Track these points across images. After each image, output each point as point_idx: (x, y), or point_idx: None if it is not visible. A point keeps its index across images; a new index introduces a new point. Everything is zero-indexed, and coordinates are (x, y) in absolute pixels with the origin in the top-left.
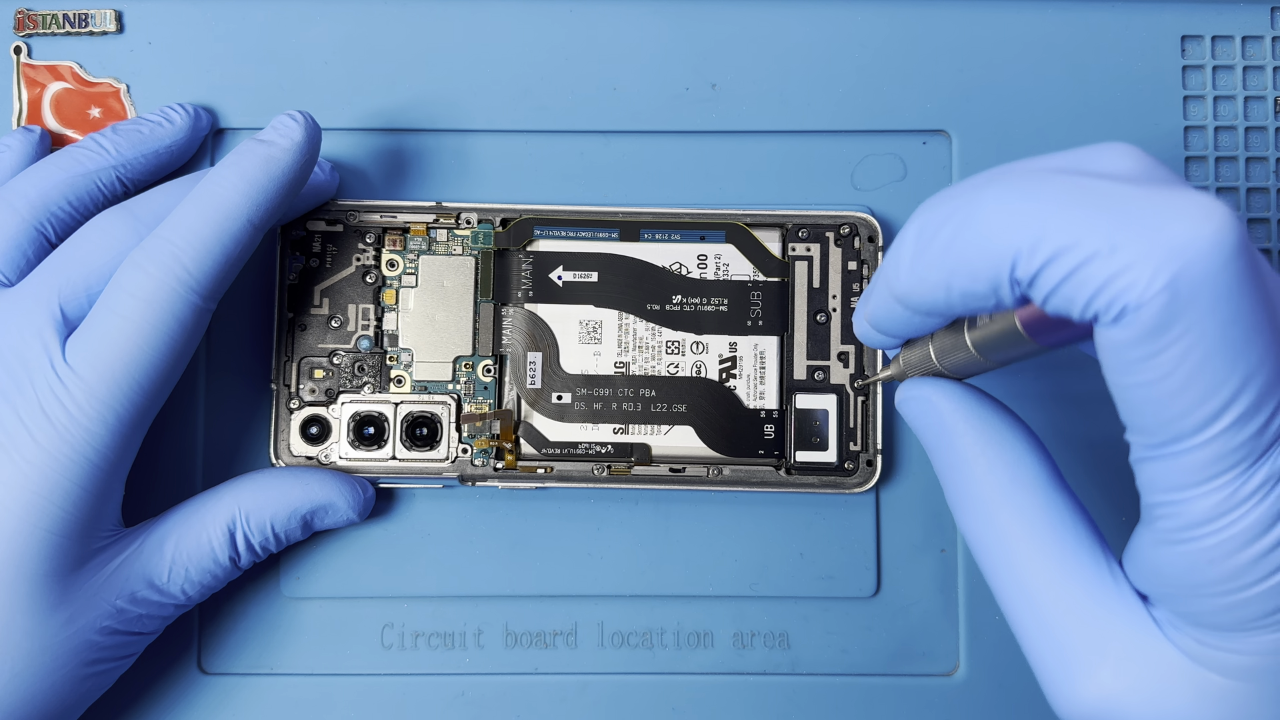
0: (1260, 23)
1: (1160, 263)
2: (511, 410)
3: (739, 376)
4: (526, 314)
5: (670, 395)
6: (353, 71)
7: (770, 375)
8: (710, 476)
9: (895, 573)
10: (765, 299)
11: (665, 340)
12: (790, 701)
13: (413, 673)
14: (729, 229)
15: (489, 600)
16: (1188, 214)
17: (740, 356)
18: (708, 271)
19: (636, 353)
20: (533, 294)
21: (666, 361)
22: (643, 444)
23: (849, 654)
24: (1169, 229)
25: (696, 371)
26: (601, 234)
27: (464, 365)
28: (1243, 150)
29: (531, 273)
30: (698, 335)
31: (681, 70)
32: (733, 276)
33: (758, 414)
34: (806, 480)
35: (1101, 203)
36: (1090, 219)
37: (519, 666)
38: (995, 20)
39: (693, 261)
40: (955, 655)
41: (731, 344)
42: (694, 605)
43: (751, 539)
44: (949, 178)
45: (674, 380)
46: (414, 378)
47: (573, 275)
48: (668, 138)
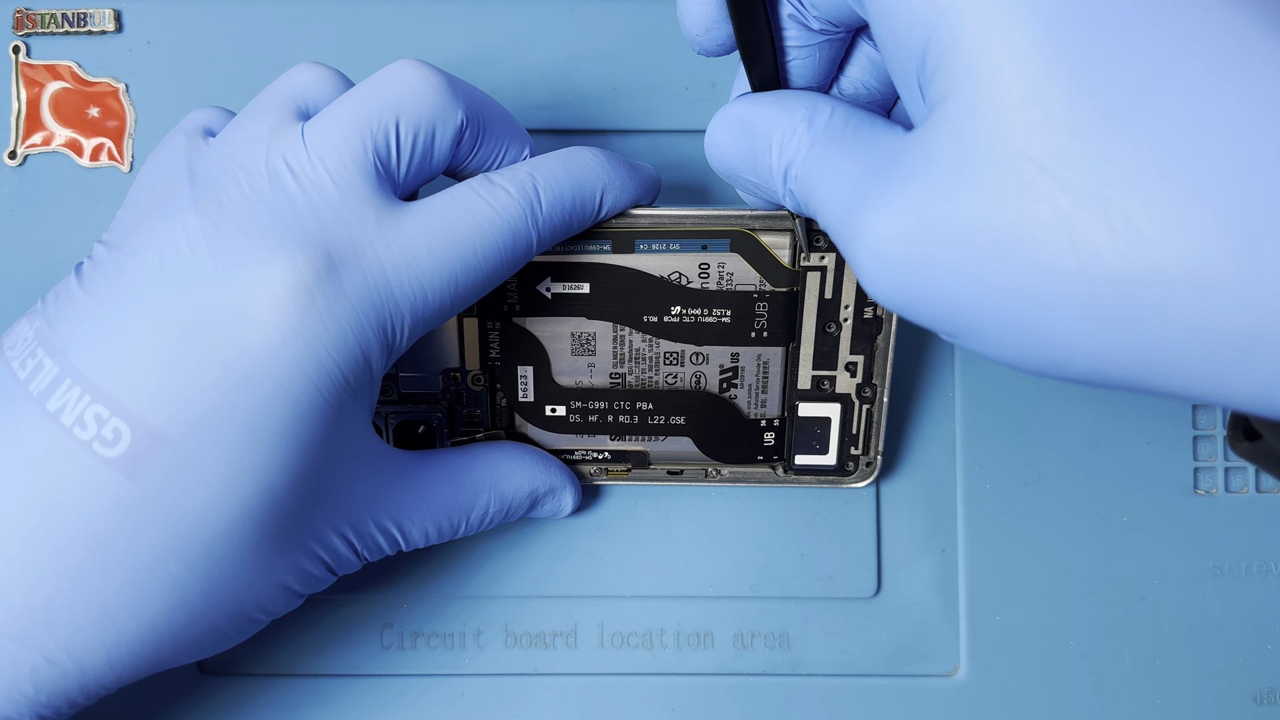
0: None
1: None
2: (500, 432)
3: (740, 386)
4: (514, 328)
5: (668, 407)
6: (350, 71)
7: (773, 386)
8: (709, 477)
9: (896, 573)
10: (772, 310)
11: (663, 352)
12: (790, 702)
13: (412, 673)
14: (734, 237)
15: (488, 600)
16: None
17: (742, 367)
18: (710, 281)
19: (633, 364)
20: (519, 307)
21: (665, 373)
22: (640, 451)
23: (849, 654)
24: None
25: (696, 383)
26: (592, 246)
27: (453, 375)
28: None
29: (517, 285)
30: (698, 346)
31: (681, 69)
32: (737, 287)
33: (758, 423)
34: (804, 480)
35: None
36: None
37: (518, 667)
38: None
39: (694, 270)
40: (956, 656)
41: (733, 354)
42: (694, 605)
43: (751, 539)
44: None
45: (672, 392)
46: (401, 390)
47: (562, 286)
48: (668, 137)
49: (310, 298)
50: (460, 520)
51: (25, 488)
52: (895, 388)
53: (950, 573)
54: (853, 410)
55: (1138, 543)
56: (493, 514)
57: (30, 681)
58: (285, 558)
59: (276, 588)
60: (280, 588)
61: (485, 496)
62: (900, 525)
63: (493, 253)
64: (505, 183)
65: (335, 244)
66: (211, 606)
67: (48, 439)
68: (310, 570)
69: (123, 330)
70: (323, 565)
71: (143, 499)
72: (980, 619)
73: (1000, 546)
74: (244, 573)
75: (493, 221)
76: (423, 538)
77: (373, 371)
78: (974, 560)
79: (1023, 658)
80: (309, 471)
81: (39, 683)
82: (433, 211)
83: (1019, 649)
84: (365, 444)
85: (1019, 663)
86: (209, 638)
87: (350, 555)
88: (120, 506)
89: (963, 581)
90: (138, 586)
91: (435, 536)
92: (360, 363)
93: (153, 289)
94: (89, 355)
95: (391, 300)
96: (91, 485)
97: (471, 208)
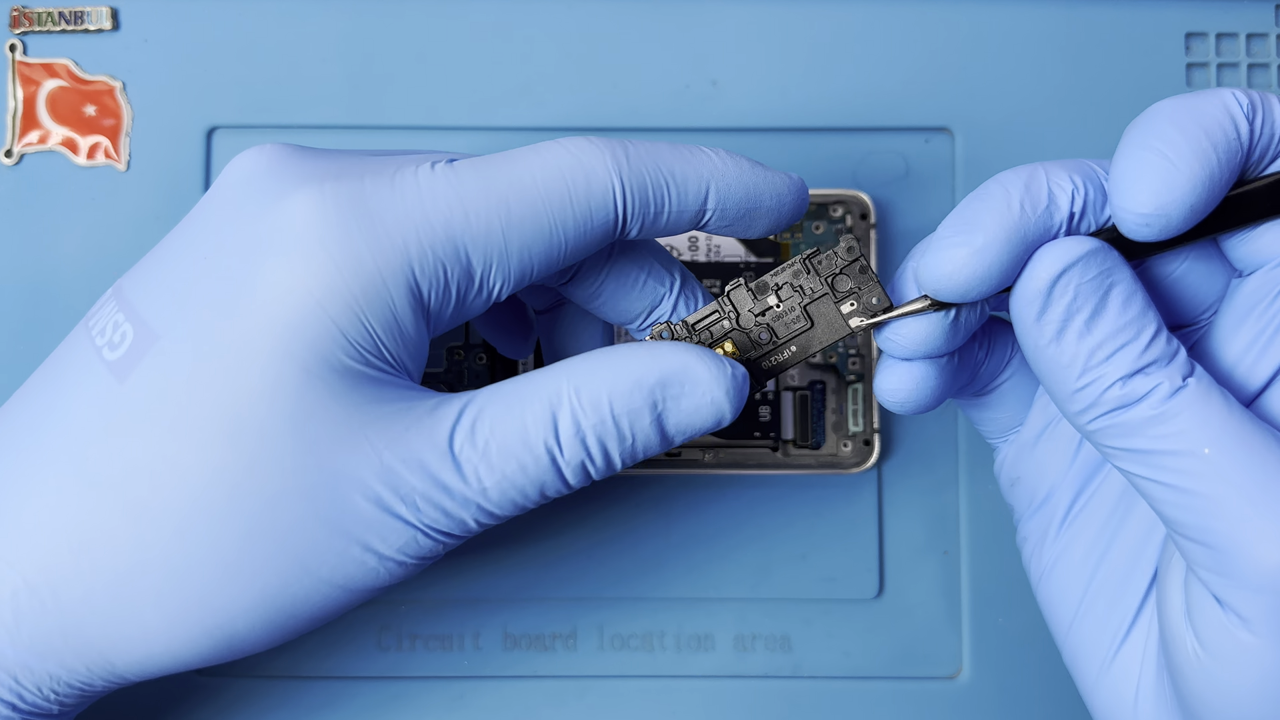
0: (1265, 20)
1: None
2: None
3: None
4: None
5: None
6: (350, 69)
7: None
8: (707, 460)
9: (898, 575)
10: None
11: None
12: (792, 705)
13: (410, 675)
14: None
15: (487, 602)
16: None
17: None
18: (699, 254)
19: (628, 338)
20: None
21: None
22: None
23: (851, 657)
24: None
25: None
26: None
27: (456, 353)
28: None
29: None
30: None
31: (681, 67)
32: (724, 258)
33: (751, 396)
34: (803, 460)
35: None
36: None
37: (517, 669)
38: (998, 17)
39: (683, 243)
40: (958, 658)
41: None
42: (694, 607)
43: (753, 541)
44: (951, 175)
45: None
46: None
47: None
48: (667, 136)
49: (326, 215)
50: (538, 447)
51: (50, 398)
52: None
53: (953, 574)
54: (844, 386)
55: None
56: (594, 429)
57: (10, 609)
58: (313, 502)
59: (332, 540)
60: (340, 539)
61: (564, 414)
62: (902, 526)
63: (557, 189)
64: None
65: (369, 178)
66: (191, 558)
67: (75, 348)
68: (372, 524)
69: (161, 252)
70: (382, 511)
71: (125, 401)
72: (983, 621)
73: (1003, 548)
74: (228, 520)
75: (558, 155)
76: (489, 483)
77: (395, 308)
78: (977, 562)
79: (1026, 660)
80: (320, 403)
81: (19, 611)
82: (487, 156)
83: (1022, 651)
84: (403, 390)
85: (1022, 665)
86: (209, 614)
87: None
88: (104, 409)
89: (965, 583)
90: (107, 504)
91: (517, 479)
92: (381, 290)
93: (196, 222)
94: (134, 277)
95: (424, 220)
96: (86, 387)
97: (538, 146)
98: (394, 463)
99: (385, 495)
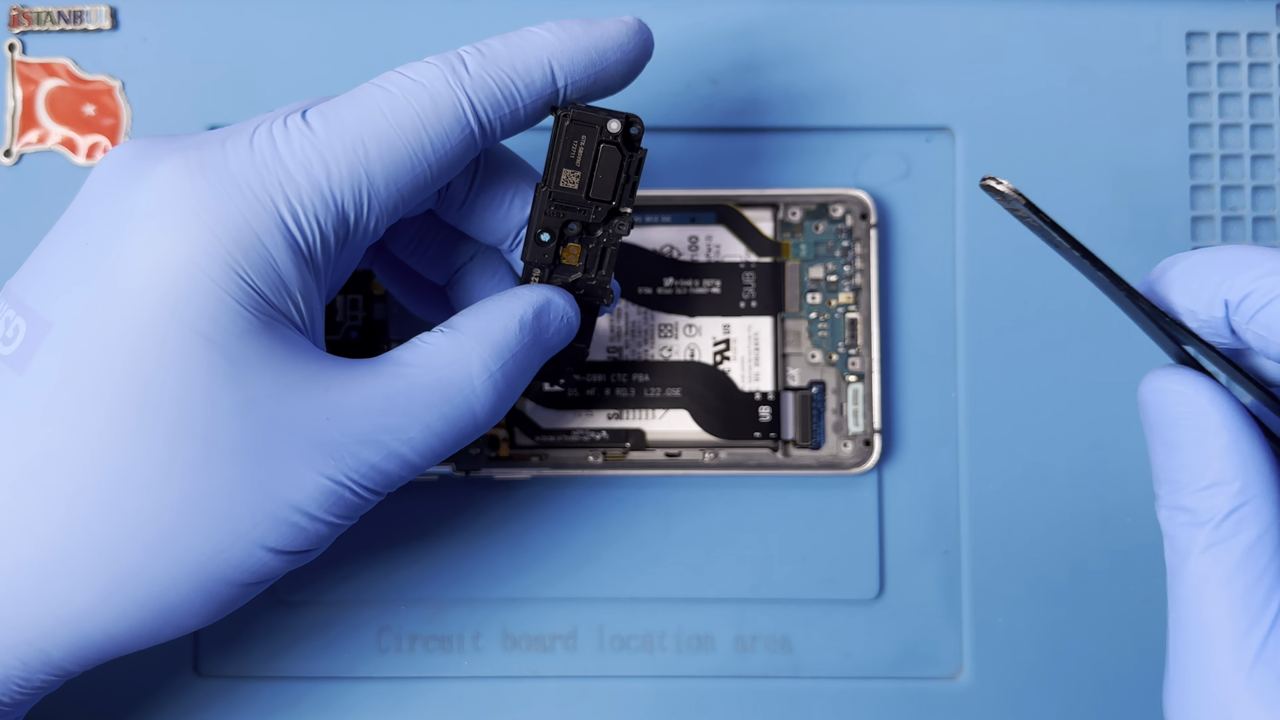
0: (1266, 19)
1: None
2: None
3: (733, 359)
4: None
5: (664, 379)
6: (350, 69)
7: (765, 358)
8: (707, 461)
9: (898, 575)
10: (759, 280)
11: (658, 324)
12: (792, 705)
13: (409, 676)
14: (720, 210)
15: (486, 603)
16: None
17: (734, 339)
18: (699, 254)
19: (629, 337)
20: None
21: (660, 345)
22: (637, 429)
23: (851, 657)
24: None
25: (690, 355)
26: None
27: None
28: (1248, 148)
29: None
30: (690, 318)
31: (681, 66)
32: (725, 258)
33: (752, 396)
34: (803, 460)
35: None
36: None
37: (517, 670)
38: (999, 17)
39: (684, 244)
40: (959, 658)
41: (725, 326)
42: (694, 608)
43: (753, 541)
44: (952, 175)
45: (667, 364)
46: None
47: None
48: (667, 135)
49: (190, 179)
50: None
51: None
52: (897, 388)
53: (953, 574)
54: (844, 386)
55: (1142, 544)
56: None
57: None
58: (236, 464)
59: (260, 500)
60: (256, 525)
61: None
62: (903, 526)
63: (407, 118)
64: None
65: (229, 142)
66: (120, 534)
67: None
68: (295, 503)
69: (44, 248)
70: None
71: (27, 390)
72: (984, 621)
73: (1004, 548)
74: (156, 491)
75: (401, 85)
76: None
77: (274, 262)
78: (977, 562)
79: (1027, 660)
80: (222, 365)
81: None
82: (335, 100)
83: (1023, 651)
84: (304, 352)
85: (1023, 665)
86: (141, 587)
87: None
88: (8, 402)
89: (966, 583)
90: (23, 496)
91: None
92: (255, 244)
93: (72, 213)
94: (19, 277)
95: (285, 173)
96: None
97: (380, 80)
98: (312, 414)
99: (309, 451)
